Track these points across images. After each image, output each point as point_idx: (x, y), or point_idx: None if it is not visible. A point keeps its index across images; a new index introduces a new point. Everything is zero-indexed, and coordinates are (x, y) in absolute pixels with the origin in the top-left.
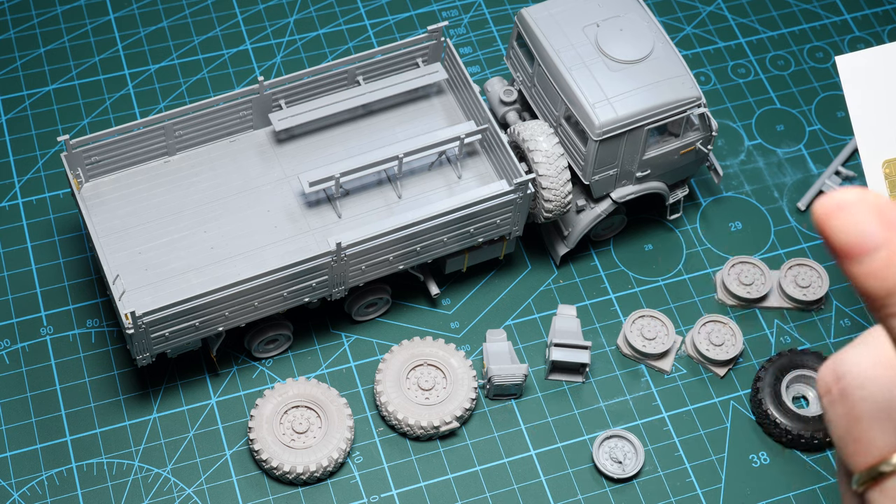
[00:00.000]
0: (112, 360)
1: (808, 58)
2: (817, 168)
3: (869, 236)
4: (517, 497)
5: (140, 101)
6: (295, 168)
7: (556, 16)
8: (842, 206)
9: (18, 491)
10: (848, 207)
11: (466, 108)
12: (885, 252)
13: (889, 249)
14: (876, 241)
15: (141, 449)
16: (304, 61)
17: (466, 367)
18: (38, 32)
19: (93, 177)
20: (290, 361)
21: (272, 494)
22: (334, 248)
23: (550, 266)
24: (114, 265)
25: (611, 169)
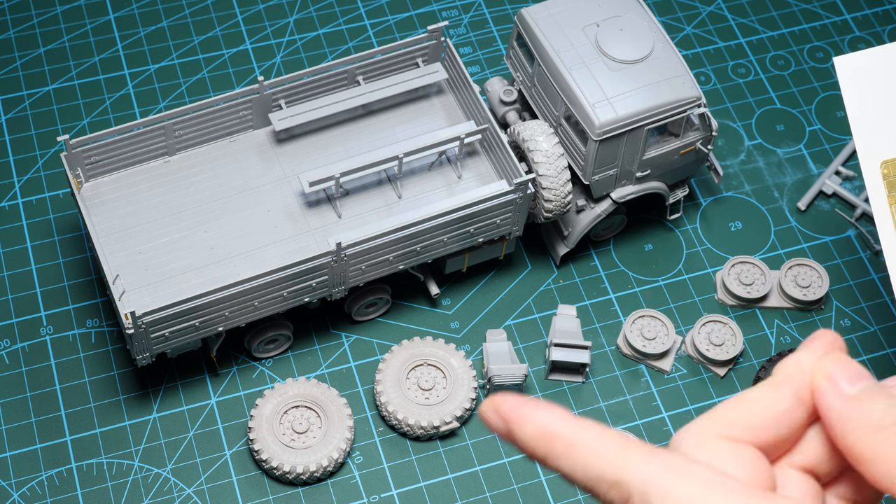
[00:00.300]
0: (112, 360)
1: (808, 58)
2: (817, 168)
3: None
4: (517, 497)
5: (140, 101)
6: (295, 168)
7: (556, 16)
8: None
9: (18, 491)
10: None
11: (466, 108)
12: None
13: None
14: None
15: (141, 449)
16: (304, 61)
17: (466, 367)
18: (37, 32)
19: (93, 177)
20: (290, 361)
21: (272, 494)
22: (334, 248)
23: (550, 266)
24: (114, 265)
25: (611, 169)
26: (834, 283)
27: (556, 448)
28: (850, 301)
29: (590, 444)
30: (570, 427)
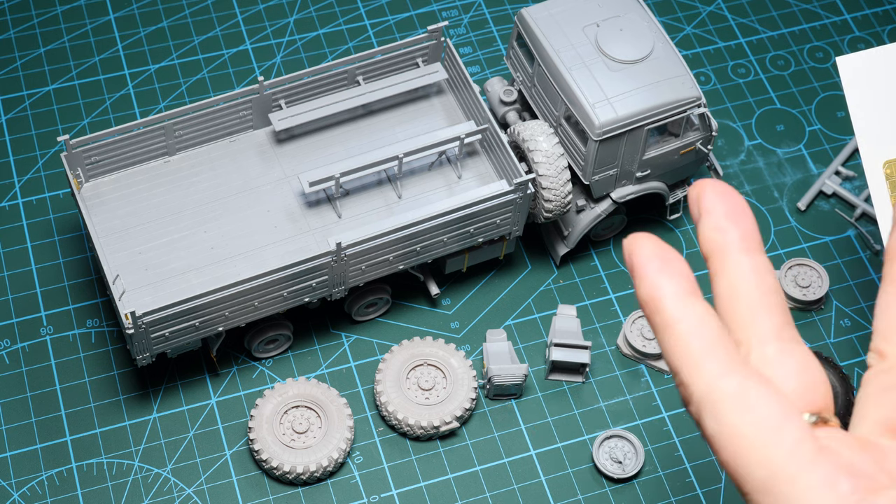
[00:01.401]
0: (112, 360)
1: (808, 58)
2: (817, 168)
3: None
4: (517, 497)
5: (140, 101)
6: (295, 168)
7: (556, 16)
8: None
9: (18, 491)
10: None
11: (466, 108)
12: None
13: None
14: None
15: (141, 449)
16: (304, 61)
17: (466, 367)
18: (37, 32)
19: (93, 177)
20: (290, 361)
21: (272, 494)
22: (334, 248)
23: (550, 266)
24: (114, 265)
25: (611, 169)
26: (834, 283)
27: (655, 320)
28: (850, 301)
29: (682, 334)
30: (674, 308)
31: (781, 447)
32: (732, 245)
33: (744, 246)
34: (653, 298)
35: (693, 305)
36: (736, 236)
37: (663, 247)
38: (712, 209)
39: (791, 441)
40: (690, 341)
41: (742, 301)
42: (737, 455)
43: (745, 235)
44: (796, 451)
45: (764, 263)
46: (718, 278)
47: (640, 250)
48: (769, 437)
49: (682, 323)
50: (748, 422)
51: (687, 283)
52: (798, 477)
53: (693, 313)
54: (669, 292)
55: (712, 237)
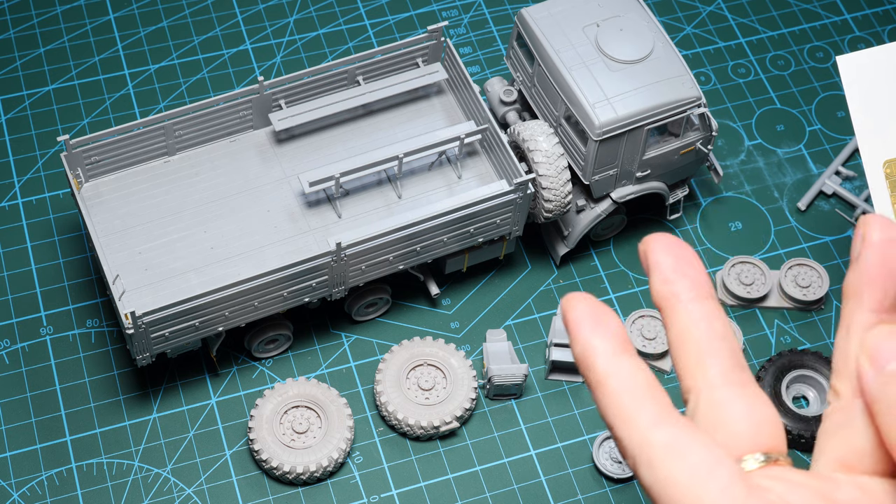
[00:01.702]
0: (112, 360)
1: (808, 58)
2: (817, 168)
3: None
4: (517, 497)
5: (140, 101)
6: (295, 168)
7: (556, 16)
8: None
9: (18, 491)
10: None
11: (466, 108)
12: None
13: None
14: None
15: (141, 449)
16: (304, 61)
17: (466, 367)
18: (37, 32)
19: (93, 177)
20: (290, 361)
21: (272, 494)
22: (334, 248)
23: (550, 266)
24: (114, 265)
25: (611, 169)
26: (834, 283)
27: (588, 377)
28: None
29: (612, 390)
30: (604, 365)
31: (712, 491)
32: (681, 295)
33: (692, 295)
34: (585, 357)
35: (623, 362)
36: (684, 286)
37: (597, 306)
38: (659, 263)
39: (721, 485)
40: (621, 396)
41: (690, 348)
42: (671, 502)
43: (692, 285)
44: (726, 494)
45: (712, 309)
46: (669, 329)
47: (573, 310)
48: (700, 483)
49: (613, 378)
50: (679, 469)
51: (618, 341)
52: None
53: (623, 369)
54: (601, 350)
55: (661, 290)
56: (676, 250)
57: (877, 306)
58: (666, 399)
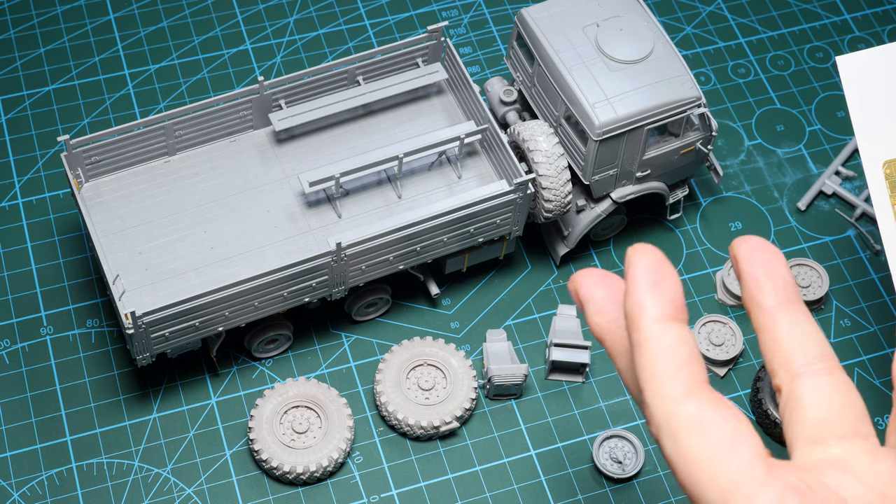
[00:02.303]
0: (112, 360)
1: (808, 58)
2: (817, 168)
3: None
4: (517, 497)
5: (140, 101)
6: (295, 168)
7: (556, 16)
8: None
9: (18, 491)
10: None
11: (466, 108)
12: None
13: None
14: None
15: (141, 449)
16: (304, 61)
17: (466, 367)
18: (38, 32)
19: (93, 177)
20: (290, 361)
21: (272, 494)
22: (334, 248)
23: (550, 266)
24: (114, 265)
25: (611, 169)
26: (834, 283)
27: (632, 335)
28: (850, 301)
29: (651, 355)
30: (650, 328)
31: (731, 470)
32: (620, 323)
33: (629, 324)
34: (633, 315)
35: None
36: (620, 315)
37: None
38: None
39: (742, 464)
40: (658, 363)
41: (644, 372)
42: (692, 478)
43: (627, 314)
44: (747, 474)
45: (654, 332)
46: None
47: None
48: (722, 461)
49: (654, 343)
50: (702, 445)
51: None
52: (749, 500)
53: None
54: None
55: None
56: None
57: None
58: (702, 374)
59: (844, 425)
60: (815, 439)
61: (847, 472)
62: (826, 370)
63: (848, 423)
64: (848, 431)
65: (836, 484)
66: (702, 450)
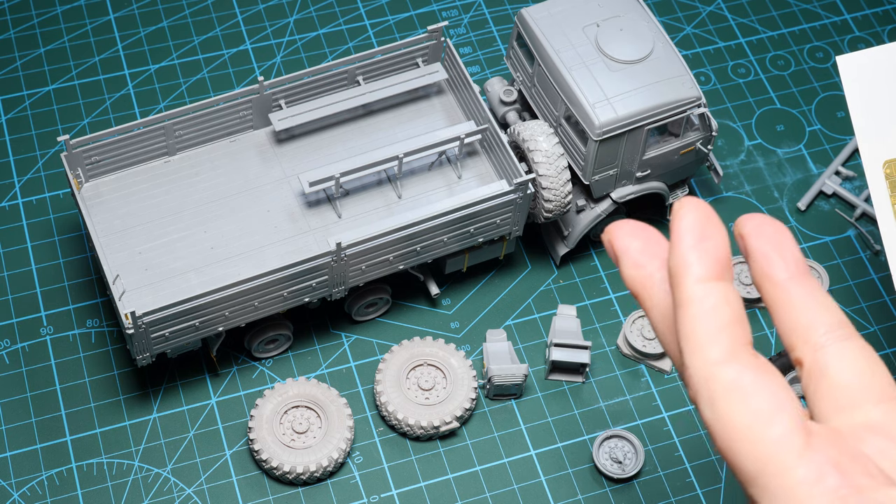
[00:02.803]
0: (112, 360)
1: (808, 58)
2: (817, 168)
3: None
4: (517, 497)
5: (140, 101)
6: (295, 168)
7: (556, 16)
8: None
9: (18, 491)
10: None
11: (466, 108)
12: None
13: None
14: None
15: (141, 449)
16: (304, 61)
17: (466, 367)
18: (38, 32)
19: (93, 177)
20: (290, 361)
21: (272, 494)
22: (334, 248)
23: (550, 266)
24: (114, 265)
25: (611, 169)
26: (834, 283)
27: (675, 294)
28: (850, 301)
29: (693, 316)
30: (693, 287)
31: (769, 438)
32: (656, 277)
33: (672, 281)
34: (676, 272)
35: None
36: (656, 268)
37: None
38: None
39: (780, 433)
40: (698, 324)
41: (684, 333)
42: (729, 445)
43: (662, 264)
44: (784, 445)
45: (697, 292)
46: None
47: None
48: (759, 429)
49: (696, 303)
50: (740, 411)
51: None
52: (785, 471)
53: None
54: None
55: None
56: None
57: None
58: (746, 336)
59: (878, 388)
60: (850, 404)
61: (888, 437)
62: (848, 336)
63: (881, 386)
64: (883, 394)
65: (878, 451)
66: (740, 416)
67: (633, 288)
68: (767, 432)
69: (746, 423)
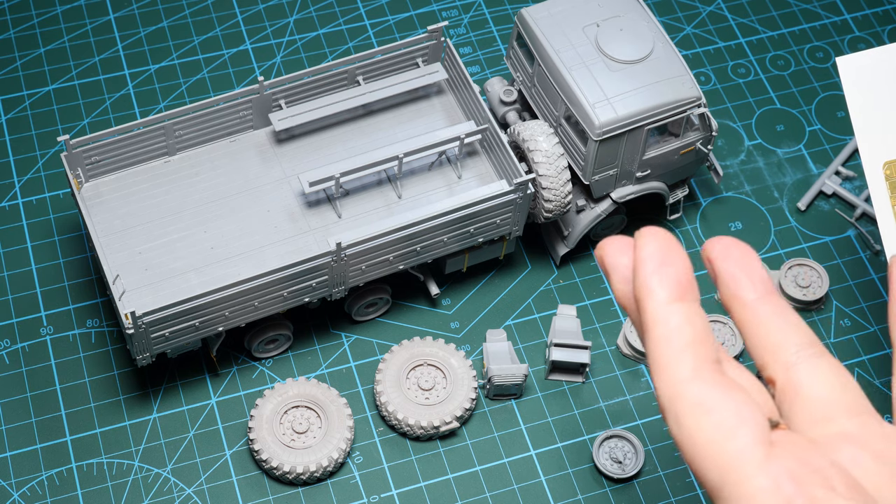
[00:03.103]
0: (112, 360)
1: (808, 58)
2: (817, 168)
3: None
4: (517, 497)
5: (140, 101)
6: (295, 168)
7: (556, 16)
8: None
9: (18, 491)
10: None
11: (466, 108)
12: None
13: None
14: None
15: (141, 449)
16: (304, 61)
17: (466, 367)
18: (38, 32)
19: (93, 177)
20: (290, 361)
21: (272, 494)
22: (334, 248)
23: (550, 266)
24: (114, 265)
25: (611, 169)
26: (834, 283)
27: (641, 318)
28: (850, 301)
29: (659, 337)
30: (655, 310)
31: (730, 451)
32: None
33: (638, 307)
34: (640, 298)
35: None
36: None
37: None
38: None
39: (740, 446)
40: (663, 345)
41: (651, 354)
42: (695, 458)
43: (636, 297)
44: (745, 456)
45: (660, 314)
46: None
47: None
48: (722, 442)
49: (660, 326)
50: (704, 427)
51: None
52: (746, 480)
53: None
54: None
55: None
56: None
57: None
58: (710, 354)
59: (851, 402)
60: (824, 418)
61: (862, 447)
62: (818, 354)
63: (854, 400)
64: (856, 408)
65: (850, 459)
66: (703, 431)
67: (621, 302)
68: (729, 445)
69: (709, 437)
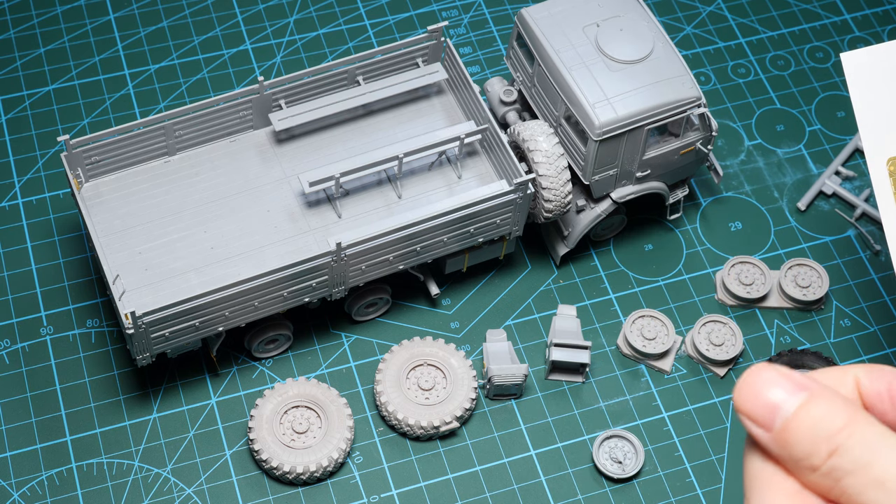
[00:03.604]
0: (112, 360)
1: (808, 58)
2: (817, 168)
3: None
4: (517, 497)
5: (140, 101)
6: (295, 168)
7: (556, 16)
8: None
9: (18, 491)
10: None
11: (466, 108)
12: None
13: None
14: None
15: (141, 449)
16: (304, 61)
17: (466, 367)
18: (38, 32)
19: (93, 177)
20: (290, 361)
21: (272, 494)
22: (334, 248)
23: (550, 266)
24: (114, 265)
25: (611, 169)
26: (834, 283)
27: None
28: (850, 301)
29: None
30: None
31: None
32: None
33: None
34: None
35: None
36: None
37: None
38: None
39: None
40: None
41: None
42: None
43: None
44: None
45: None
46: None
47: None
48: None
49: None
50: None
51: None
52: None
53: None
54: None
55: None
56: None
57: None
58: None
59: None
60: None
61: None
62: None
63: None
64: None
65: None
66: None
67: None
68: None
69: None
